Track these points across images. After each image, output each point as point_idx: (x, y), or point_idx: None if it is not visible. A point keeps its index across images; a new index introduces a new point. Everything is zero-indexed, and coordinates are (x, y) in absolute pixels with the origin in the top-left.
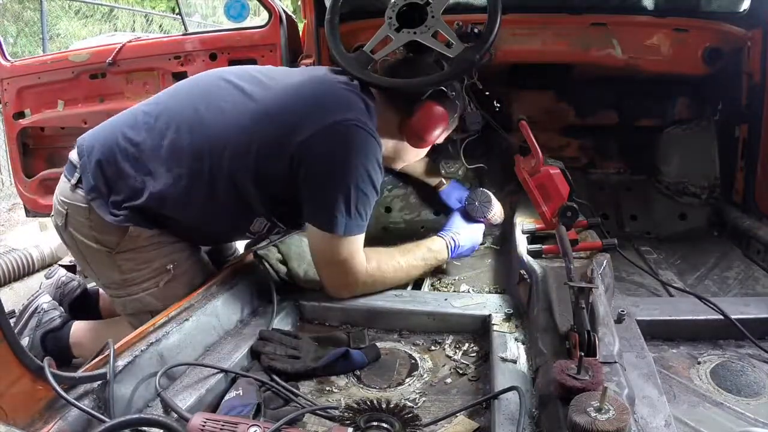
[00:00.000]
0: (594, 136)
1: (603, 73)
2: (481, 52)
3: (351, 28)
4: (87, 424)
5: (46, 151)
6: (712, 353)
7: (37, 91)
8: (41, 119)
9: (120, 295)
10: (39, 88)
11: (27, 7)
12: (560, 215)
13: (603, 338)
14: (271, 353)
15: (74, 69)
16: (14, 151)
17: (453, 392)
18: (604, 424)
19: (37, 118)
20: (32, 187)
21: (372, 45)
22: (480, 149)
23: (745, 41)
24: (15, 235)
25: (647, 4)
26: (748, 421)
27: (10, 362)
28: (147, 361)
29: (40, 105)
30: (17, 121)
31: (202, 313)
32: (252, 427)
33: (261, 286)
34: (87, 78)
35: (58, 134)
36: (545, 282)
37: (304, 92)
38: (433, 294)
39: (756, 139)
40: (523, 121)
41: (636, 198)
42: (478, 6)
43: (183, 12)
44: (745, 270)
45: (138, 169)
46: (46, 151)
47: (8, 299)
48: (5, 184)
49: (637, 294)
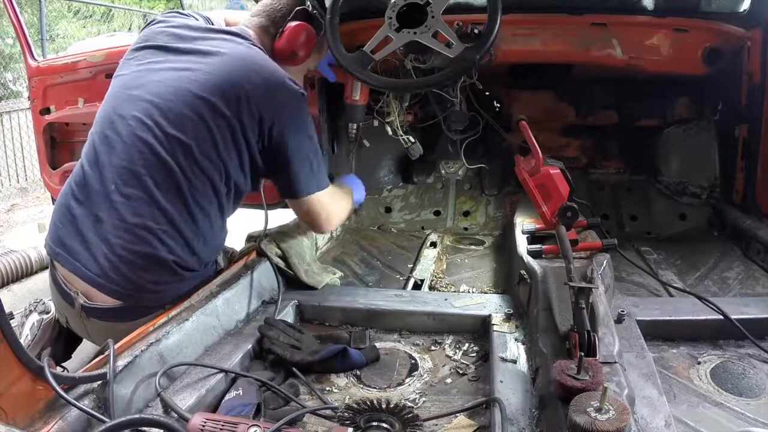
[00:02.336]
0: (594, 136)
1: (603, 73)
2: (481, 52)
3: (351, 28)
4: (87, 424)
5: (71, 145)
6: (712, 353)
7: (60, 89)
8: (64, 116)
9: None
10: (62, 87)
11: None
12: (560, 215)
13: (603, 338)
14: (274, 338)
15: (91, 69)
16: (41, 143)
17: (453, 392)
18: (604, 424)
19: (61, 114)
20: (57, 178)
21: (372, 45)
22: (480, 149)
23: (745, 41)
24: (14, 236)
25: (647, 4)
26: (748, 421)
27: (10, 362)
28: (147, 361)
29: (63, 102)
30: (44, 117)
31: (202, 313)
32: (252, 427)
33: (261, 286)
34: (103, 77)
35: (81, 129)
36: (545, 282)
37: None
38: (433, 294)
39: (756, 139)
40: (523, 121)
41: (636, 198)
42: (478, 6)
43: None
44: (745, 270)
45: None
46: (71, 144)
47: (7, 300)
48: (4, 185)
49: (637, 294)
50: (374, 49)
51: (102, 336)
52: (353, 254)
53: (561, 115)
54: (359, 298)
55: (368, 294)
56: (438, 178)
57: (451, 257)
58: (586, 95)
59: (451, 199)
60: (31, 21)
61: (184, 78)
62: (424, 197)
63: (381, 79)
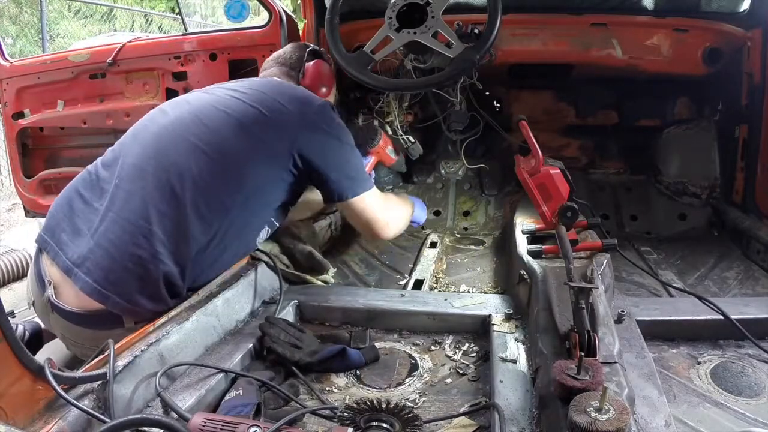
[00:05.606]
0: (594, 136)
1: (603, 73)
2: (481, 52)
3: (351, 28)
4: (87, 424)
5: (45, 152)
6: (712, 353)
7: (36, 91)
8: (41, 119)
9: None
10: (38, 88)
11: (24, 11)
12: (560, 215)
13: (603, 338)
14: (275, 336)
15: (74, 69)
16: (13, 151)
17: (453, 392)
18: (604, 424)
19: (37, 119)
20: (32, 188)
21: (372, 45)
22: (480, 149)
23: (745, 41)
24: (14, 235)
25: (647, 4)
26: (748, 421)
27: (10, 362)
28: (147, 361)
29: (40, 105)
30: (17, 122)
31: (202, 313)
32: (252, 427)
33: (261, 286)
34: (87, 78)
35: (57, 134)
36: (545, 282)
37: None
38: (433, 294)
39: (756, 140)
40: (523, 121)
41: (636, 198)
42: (478, 6)
43: (183, 12)
44: (745, 270)
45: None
46: (45, 151)
47: (8, 299)
48: (5, 184)
49: (637, 294)
50: (374, 49)
51: (61, 330)
52: (353, 254)
53: (561, 115)
54: (359, 298)
55: (368, 294)
56: (438, 178)
57: (451, 257)
58: (586, 95)
59: (451, 199)
60: (31, 21)
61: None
62: (424, 197)
63: (381, 79)
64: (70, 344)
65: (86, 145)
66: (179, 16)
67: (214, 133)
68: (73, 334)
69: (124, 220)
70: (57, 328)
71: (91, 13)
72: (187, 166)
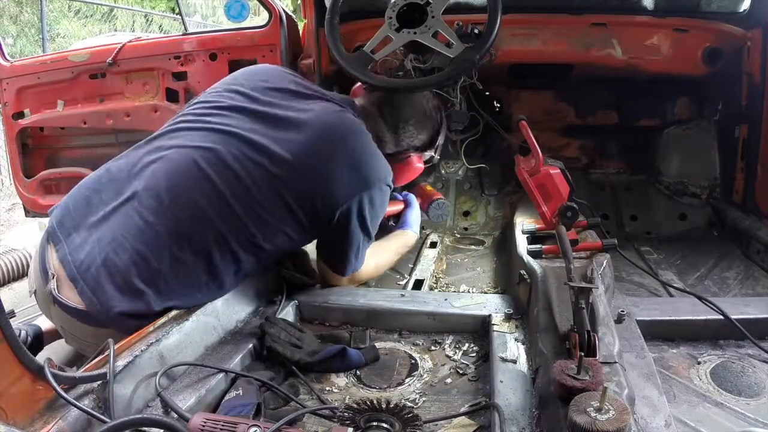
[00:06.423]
0: (594, 136)
1: (603, 73)
2: (481, 52)
3: (351, 28)
4: (87, 424)
5: (45, 152)
6: (712, 353)
7: (36, 91)
8: (41, 119)
9: None
10: (38, 88)
11: (25, 10)
12: (560, 215)
13: (603, 338)
14: (275, 335)
15: (74, 69)
16: (13, 151)
17: (453, 392)
18: (604, 424)
19: (37, 118)
20: (32, 188)
21: (372, 45)
22: (480, 149)
23: (744, 41)
24: (14, 234)
25: (647, 4)
26: (748, 421)
27: (10, 362)
28: (147, 361)
29: (40, 105)
30: (17, 121)
31: (202, 313)
32: (252, 427)
33: (261, 286)
34: (86, 78)
35: (58, 134)
36: (545, 282)
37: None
38: (433, 294)
39: (756, 140)
40: (523, 121)
41: (636, 198)
42: (478, 6)
43: (183, 12)
44: (745, 270)
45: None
46: (45, 151)
47: (8, 299)
48: (5, 184)
49: (637, 294)
50: (374, 49)
51: (61, 323)
52: None
53: (561, 115)
54: (359, 298)
55: (368, 294)
56: (438, 178)
57: (451, 257)
58: (586, 95)
59: (451, 199)
60: (31, 20)
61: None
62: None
63: (381, 79)
64: (69, 338)
65: (86, 145)
66: (179, 16)
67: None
68: (73, 329)
69: (140, 228)
70: (57, 320)
71: (91, 13)
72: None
